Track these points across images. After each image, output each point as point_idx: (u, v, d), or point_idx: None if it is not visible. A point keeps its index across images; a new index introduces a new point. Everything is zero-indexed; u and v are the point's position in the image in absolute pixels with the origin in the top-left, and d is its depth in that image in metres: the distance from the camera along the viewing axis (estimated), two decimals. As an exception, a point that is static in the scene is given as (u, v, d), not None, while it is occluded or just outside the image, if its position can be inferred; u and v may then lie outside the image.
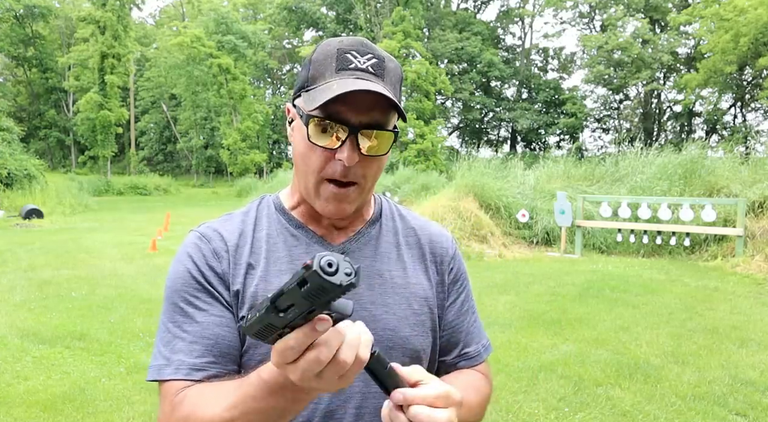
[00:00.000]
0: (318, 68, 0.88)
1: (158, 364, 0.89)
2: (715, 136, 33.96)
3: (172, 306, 0.92)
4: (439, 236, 1.08)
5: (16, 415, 3.60)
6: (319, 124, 0.86)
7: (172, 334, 0.90)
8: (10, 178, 19.38)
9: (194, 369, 0.87)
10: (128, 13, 32.61)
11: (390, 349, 0.94)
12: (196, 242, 0.96)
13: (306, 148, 0.89)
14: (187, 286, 0.92)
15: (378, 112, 0.86)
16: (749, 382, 4.19)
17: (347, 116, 0.85)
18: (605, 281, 7.75)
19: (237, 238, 0.96)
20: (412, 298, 0.99)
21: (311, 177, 0.90)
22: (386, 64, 0.89)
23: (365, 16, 36.80)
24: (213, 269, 0.93)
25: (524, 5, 42.49)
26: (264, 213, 1.01)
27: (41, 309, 6.10)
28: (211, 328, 0.89)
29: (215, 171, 45.08)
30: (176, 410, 0.83)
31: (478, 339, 1.08)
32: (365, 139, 0.86)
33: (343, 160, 0.86)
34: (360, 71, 0.86)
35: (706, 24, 26.88)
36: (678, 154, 12.06)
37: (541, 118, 38.62)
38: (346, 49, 0.88)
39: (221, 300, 0.92)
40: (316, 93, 0.86)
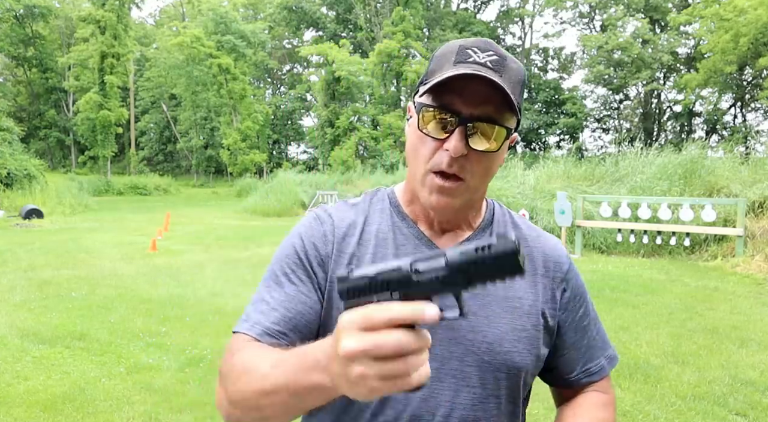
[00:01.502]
0: (438, 62, 0.88)
1: (242, 318, 0.91)
2: (715, 136, 33.98)
3: (270, 273, 0.95)
4: (554, 250, 1.02)
5: (16, 415, 3.60)
6: (430, 112, 0.86)
7: (260, 296, 0.92)
8: (10, 178, 19.37)
9: (267, 333, 0.87)
10: (128, 12, 32.60)
11: (486, 364, 0.91)
12: (310, 222, 0.98)
13: (417, 138, 0.89)
14: (289, 258, 0.94)
15: (491, 107, 0.84)
16: (749, 382, 4.19)
17: (458, 107, 0.84)
18: (605, 281, 7.75)
19: (346, 227, 0.96)
20: (516, 313, 0.94)
21: (420, 167, 0.89)
22: (507, 62, 0.87)
23: (365, 16, 36.82)
24: (317, 250, 0.94)
25: (524, 5, 42.49)
26: (378, 207, 1.00)
27: (41, 309, 6.10)
28: (295, 302, 0.90)
29: (215, 171, 45.09)
30: (233, 356, 0.83)
31: (601, 352, 1.04)
32: (475, 131, 0.85)
33: (449, 149, 0.84)
34: (478, 65, 0.84)
35: (706, 24, 26.87)
36: (678, 154, 12.06)
37: (541, 118, 38.62)
38: (467, 46, 0.87)
39: (315, 281, 0.93)
40: (428, 84, 0.86)
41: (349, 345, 0.57)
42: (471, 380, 0.90)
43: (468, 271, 0.59)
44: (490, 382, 0.92)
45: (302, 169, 31.33)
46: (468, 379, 0.90)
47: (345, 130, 31.19)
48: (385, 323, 0.57)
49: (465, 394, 0.90)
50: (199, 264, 8.91)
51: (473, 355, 0.91)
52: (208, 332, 5.38)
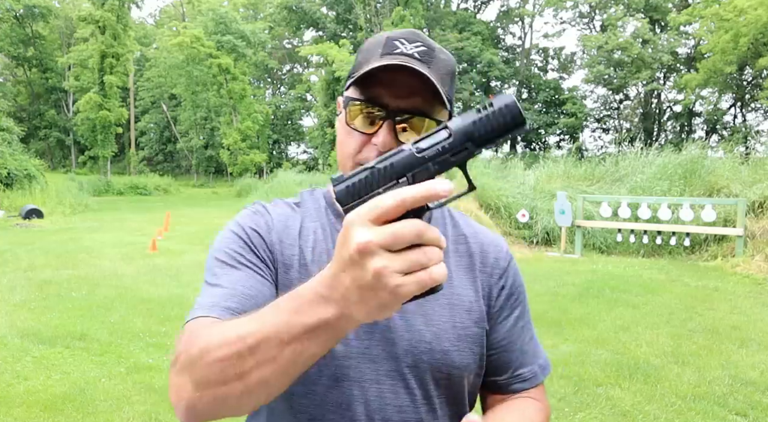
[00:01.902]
0: (365, 55, 0.86)
1: (192, 310, 0.79)
2: (715, 136, 33.99)
3: (213, 262, 0.86)
4: (492, 246, 0.99)
5: (16, 415, 3.60)
6: (357, 106, 0.83)
7: (209, 285, 0.83)
8: (10, 178, 19.36)
9: (230, 312, 0.76)
10: (127, 12, 32.58)
11: (425, 363, 0.87)
12: (249, 214, 0.93)
13: (344, 133, 0.86)
14: (233, 243, 0.87)
15: (419, 99, 0.82)
16: (749, 382, 4.19)
17: (386, 100, 0.82)
18: (605, 281, 7.75)
19: (285, 220, 0.93)
20: (456, 311, 0.91)
21: (347, 162, 0.86)
22: (436, 53, 0.85)
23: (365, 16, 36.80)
24: (262, 237, 0.89)
25: (524, 5, 42.49)
26: (314, 206, 0.97)
27: (41, 309, 6.10)
28: (253, 281, 0.82)
29: (215, 171, 45.07)
30: (194, 337, 0.69)
31: (534, 359, 0.99)
32: (404, 125, 0.82)
33: (377, 144, 0.82)
34: (405, 56, 0.82)
35: (706, 24, 26.88)
36: (678, 154, 12.06)
37: (541, 118, 38.62)
38: (395, 37, 0.85)
39: (267, 263, 0.87)
40: (354, 77, 0.84)
41: (363, 237, 0.51)
42: (410, 381, 0.86)
43: (474, 133, 0.57)
44: (431, 383, 0.88)
45: (302, 169, 31.35)
46: (407, 380, 0.86)
47: (345, 130, 31.15)
48: (397, 209, 0.52)
49: (405, 396, 0.86)
50: (200, 264, 8.89)
51: (412, 356, 0.87)
52: (208, 332, 5.37)
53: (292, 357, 0.59)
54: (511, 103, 0.57)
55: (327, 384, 0.85)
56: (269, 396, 0.64)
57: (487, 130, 0.58)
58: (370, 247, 0.51)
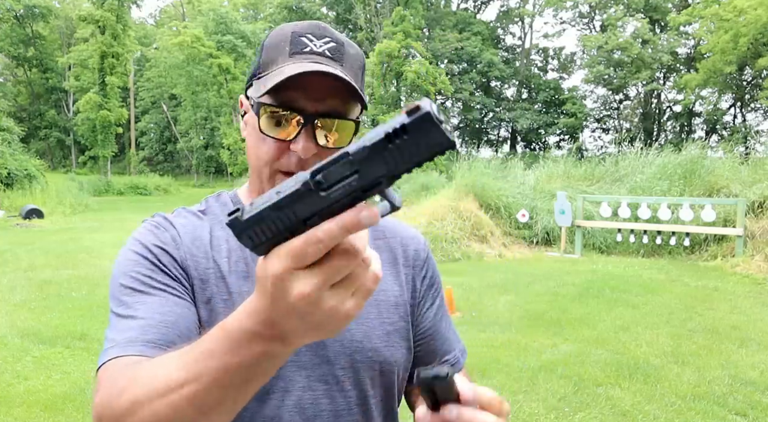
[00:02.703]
0: (270, 53, 0.82)
1: (104, 349, 0.72)
2: (715, 136, 33.97)
3: (119, 290, 0.77)
4: (411, 239, 0.99)
5: (16, 415, 3.60)
6: (271, 112, 0.78)
7: (119, 317, 0.75)
8: (11, 178, 19.37)
9: (150, 347, 0.70)
10: (127, 12, 32.58)
11: (359, 363, 0.85)
12: (149, 229, 0.85)
13: (258, 140, 0.81)
14: (139, 266, 0.79)
15: (337, 100, 0.79)
16: (749, 382, 4.19)
17: (302, 104, 0.78)
18: (605, 281, 7.75)
19: (192, 232, 0.86)
20: (382, 306, 0.89)
21: (264, 169, 0.82)
22: (346, 48, 0.82)
23: (365, 16, 36.83)
24: (169, 253, 0.81)
25: (524, 5, 42.48)
26: (221, 211, 0.90)
27: (41, 309, 6.10)
28: (169, 307, 0.75)
29: (215, 171, 45.06)
30: (114, 384, 0.64)
31: (456, 344, 1.01)
32: (322, 129, 0.79)
33: (298, 151, 0.78)
34: (315, 55, 0.79)
35: (705, 24, 26.89)
36: (678, 154, 12.07)
37: (541, 118, 38.61)
38: (300, 33, 0.81)
39: (181, 282, 0.80)
40: (267, 79, 0.79)
41: (303, 287, 0.44)
42: (345, 383, 0.84)
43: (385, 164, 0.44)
44: (366, 382, 0.86)
45: (302, 169, 31.31)
46: (342, 383, 0.84)
47: (345, 130, 31.20)
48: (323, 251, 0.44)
49: (341, 400, 0.84)
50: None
51: (344, 357, 0.84)
52: (208, 332, 5.37)
53: (235, 395, 0.55)
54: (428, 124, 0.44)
55: (257, 398, 0.79)
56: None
57: (404, 158, 0.44)
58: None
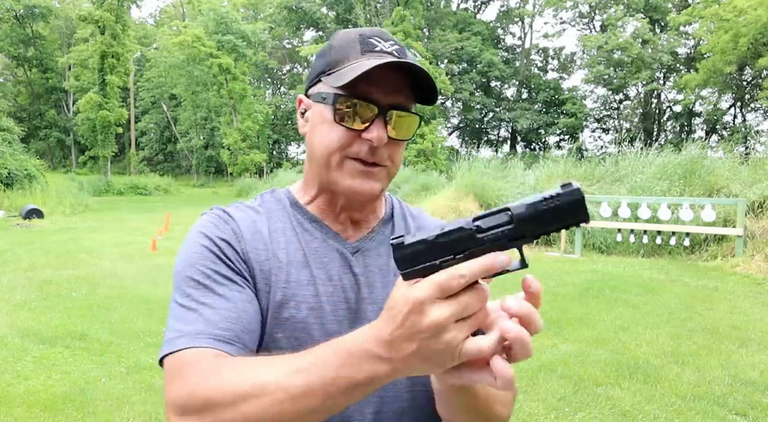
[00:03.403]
0: (340, 52, 0.87)
1: (170, 338, 0.76)
2: (715, 136, 33.99)
3: (185, 282, 0.81)
4: None
5: (16, 415, 3.60)
6: (347, 103, 0.84)
7: (185, 309, 0.78)
8: (11, 178, 19.38)
9: (218, 340, 0.74)
10: (126, 11, 32.59)
11: None
12: (212, 221, 0.89)
13: (329, 129, 0.86)
14: (204, 260, 0.82)
15: (404, 96, 0.86)
16: (749, 382, 4.19)
17: (376, 96, 0.84)
18: (605, 281, 7.75)
19: (251, 225, 0.90)
20: None
21: (335, 155, 0.86)
22: (407, 53, 0.89)
23: (365, 16, 36.81)
24: (232, 246, 0.85)
25: (524, 5, 42.49)
26: (276, 206, 0.95)
27: (41, 309, 6.10)
28: (233, 301, 0.79)
29: (215, 171, 45.10)
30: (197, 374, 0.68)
31: None
32: (394, 121, 0.85)
33: (372, 139, 0.83)
34: (386, 54, 0.85)
35: (705, 24, 26.89)
36: (678, 154, 12.06)
37: (541, 118, 38.62)
38: (368, 35, 0.87)
39: (243, 275, 0.83)
40: (344, 72, 0.84)
41: (440, 314, 0.56)
42: None
43: (534, 222, 0.59)
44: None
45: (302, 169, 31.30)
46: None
47: (345, 130, 31.18)
48: (463, 286, 0.56)
49: (391, 386, 0.86)
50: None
51: None
52: (208, 332, 5.37)
53: (332, 407, 0.62)
54: (578, 200, 0.58)
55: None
56: None
57: (549, 222, 0.59)
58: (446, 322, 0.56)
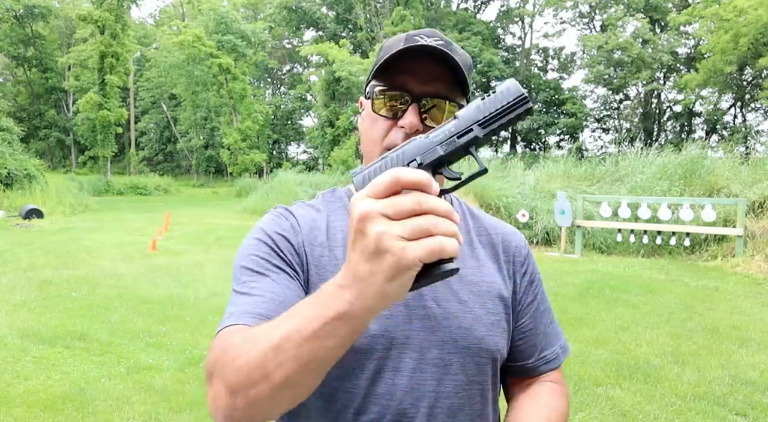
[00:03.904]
0: (387, 50, 0.90)
1: (224, 318, 0.80)
2: (715, 136, 33.98)
3: (240, 271, 0.86)
4: (512, 235, 1.05)
5: (16, 415, 3.60)
6: (383, 94, 0.88)
7: (237, 293, 0.84)
8: (10, 177, 19.37)
9: (261, 319, 0.76)
10: (126, 11, 32.58)
11: (465, 349, 0.90)
12: (273, 218, 0.94)
13: (371, 122, 0.91)
14: (258, 251, 0.88)
15: (443, 85, 0.88)
16: (749, 382, 4.19)
17: (411, 86, 0.87)
18: (605, 281, 7.75)
19: (311, 222, 0.94)
20: (487, 297, 0.95)
21: (375, 149, 0.90)
22: (454, 47, 0.90)
23: (365, 16, 36.82)
24: (288, 240, 0.90)
25: (524, 5, 42.48)
26: (337, 205, 0.98)
27: (41, 309, 6.10)
28: (282, 287, 0.83)
29: (215, 171, 45.10)
30: (225, 341, 0.71)
31: (556, 340, 1.05)
32: (428, 108, 0.87)
33: (405, 126, 0.86)
34: (427, 46, 0.87)
35: (705, 24, 26.87)
36: (678, 154, 12.07)
37: (541, 118, 38.61)
38: (414, 33, 0.91)
39: (294, 267, 0.88)
40: (378, 62, 0.89)
41: (363, 207, 0.55)
42: (452, 367, 0.89)
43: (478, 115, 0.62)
44: (472, 368, 0.91)
45: (302, 169, 31.35)
46: (449, 367, 0.89)
47: (345, 130, 31.18)
48: (393, 183, 0.55)
49: (448, 383, 0.89)
50: (199, 265, 8.90)
51: (452, 342, 0.89)
52: (208, 332, 5.37)
53: (312, 352, 0.59)
54: (511, 85, 0.62)
55: (369, 377, 0.86)
56: (295, 396, 0.64)
57: (491, 111, 0.62)
58: (370, 214, 0.54)
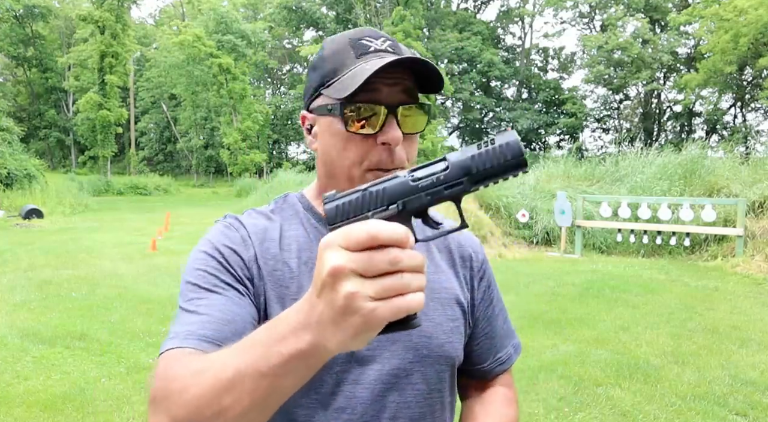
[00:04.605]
0: (334, 62, 0.84)
1: (166, 340, 0.76)
2: (715, 136, 33.97)
3: (187, 287, 0.82)
4: (468, 240, 1.04)
5: (16, 415, 3.60)
6: (355, 111, 0.80)
7: (184, 311, 0.79)
8: (10, 177, 19.36)
9: (206, 341, 0.73)
10: (126, 11, 32.59)
11: (426, 358, 0.89)
12: (222, 229, 0.89)
13: (343, 141, 0.83)
14: (206, 266, 0.83)
15: (409, 89, 0.83)
16: (749, 382, 4.19)
17: (381, 96, 0.81)
18: (605, 281, 7.75)
19: (263, 232, 0.89)
20: (447, 303, 0.94)
21: (354, 170, 0.83)
22: (400, 46, 0.87)
23: (365, 16, 36.82)
24: (238, 254, 0.85)
25: (524, 5, 42.48)
26: (290, 212, 0.94)
27: (41, 309, 6.10)
28: (230, 305, 0.79)
29: (215, 171, 45.08)
30: (170, 370, 0.66)
31: (509, 340, 1.06)
32: (404, 117, 0.83)
33: (389, 141, 0.80)
34: (381, 52, 0.83)
35: (705, 24, 26.87)
36: (678, 154, 12.06)
37: (541, 118, 38.61)
38: (358, 37, 0.85)
39: (244, 283, 0.83)
40: (345, 80, 0.80)
41: (335, 260, 0.50)
42: (413, 377, 0.88)
43: (471, 168, 0.57)
44: (432, 376, 0.90)
45: (302, 169, 31.32)
46: (410, 377, 0.87)
47: (345, 130, 31.18)
48: (369, 242, 0.50)
49: (409, 392, 0.87)
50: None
51: (413, 351, 0.88)
52: (208, 332, 5.37)
53: (269, 389, 0.57)
54: (513, 142, 0.58)
55: (329, 390, 0.84)
56: None
57: (486, 166, 0.57)
58: (342, 271, 0.50)
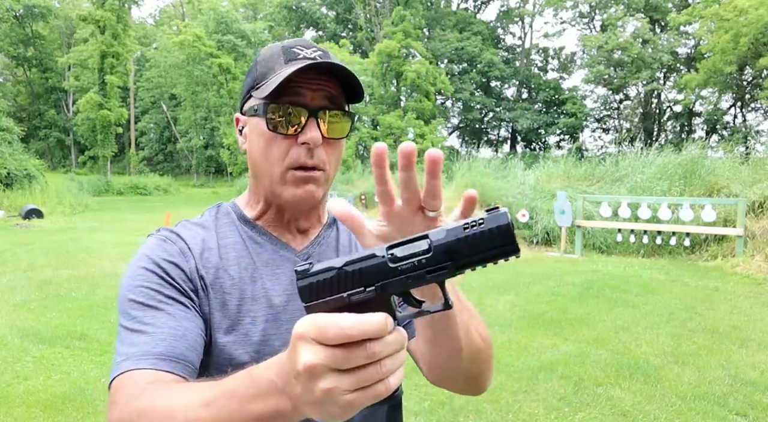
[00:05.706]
0: (265, 66, 0.89)
1: (116, 362, 0.74)
2: (715, 136, 33.95)
3: (129, 305, 0.80)
4: None
5: (16, 415, 3.60)
6: (278, 110, 0.85)
7: (129, 331, 0.77)
8: (10, 177, 19.36)
9: (161, 359, 0.73)
10: (127, 11, 32.59)
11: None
12: (158, 243, 0.90)
13: (266, 142, 0.87)
14: (147, 281, 0.83)
15: (333, 97, 0.87)
16: (749, 382, 4.19)
17: (305, 100, 0.85)
18: (605, 281, 7.75)
19: (201, 243, 0.91)
20: None
21: (276, 168, 0.87)
22: (332, 57, 0.89)
23: (365, 16, 36.83)
24: (178, 266, 0.85)
25: (524, 5, 42.47)
26: (224, 221, 0.96)
27: (41, 309, 6.10)
28: (177, 322, 0.79)
29: (215, 171, 45.07)
30: (129, 402, 0.66)
31: None
32: (325, 121, 0.86)
33: (308, 141, 0.84)
34: (308, 59, 0.87)
35: (706, 24, 26.87)
36: (678, 154, 12.06)
37: (541, 117, 38.60)
38: (290, 46, 0.90)
39: (188, 295, 0.84)
40: (270, 82, 0.86)
41: (309, 358, 0.49)
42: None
43: (456, 252, 0.52)
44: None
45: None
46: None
47: (345, 130, 31.20)
48: (344, 339, 0.48)
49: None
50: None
51: None
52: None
53: None
54: (504, 226, 0.52)
55: None
56: None
57: (472, 251, 0.52)
58: (317, 368, 0.49)
